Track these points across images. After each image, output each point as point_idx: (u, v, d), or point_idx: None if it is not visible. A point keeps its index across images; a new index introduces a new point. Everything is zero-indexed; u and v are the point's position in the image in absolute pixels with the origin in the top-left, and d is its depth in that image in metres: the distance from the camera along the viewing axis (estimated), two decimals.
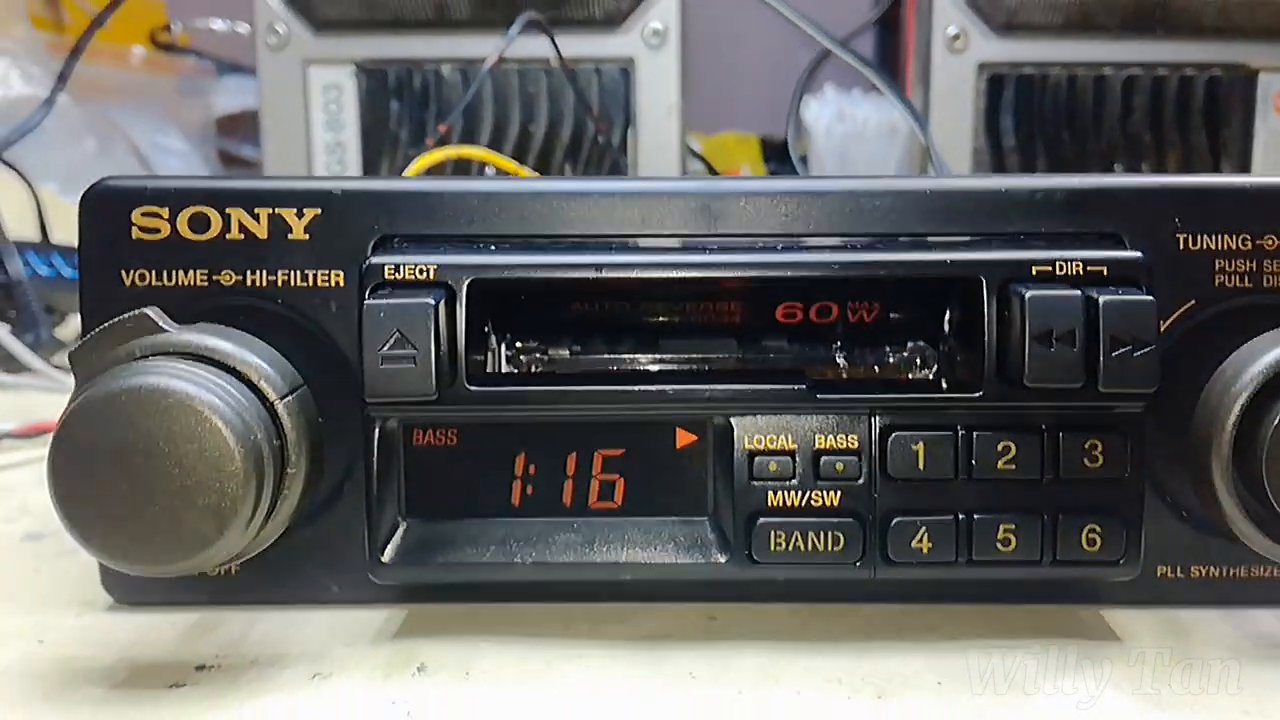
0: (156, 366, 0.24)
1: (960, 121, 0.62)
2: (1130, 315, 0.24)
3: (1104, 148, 0.62)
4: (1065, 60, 0.62)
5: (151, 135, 0.74)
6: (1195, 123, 0.62)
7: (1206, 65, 0.62)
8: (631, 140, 0.63)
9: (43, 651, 0.27)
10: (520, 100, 0.62)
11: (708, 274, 0.26)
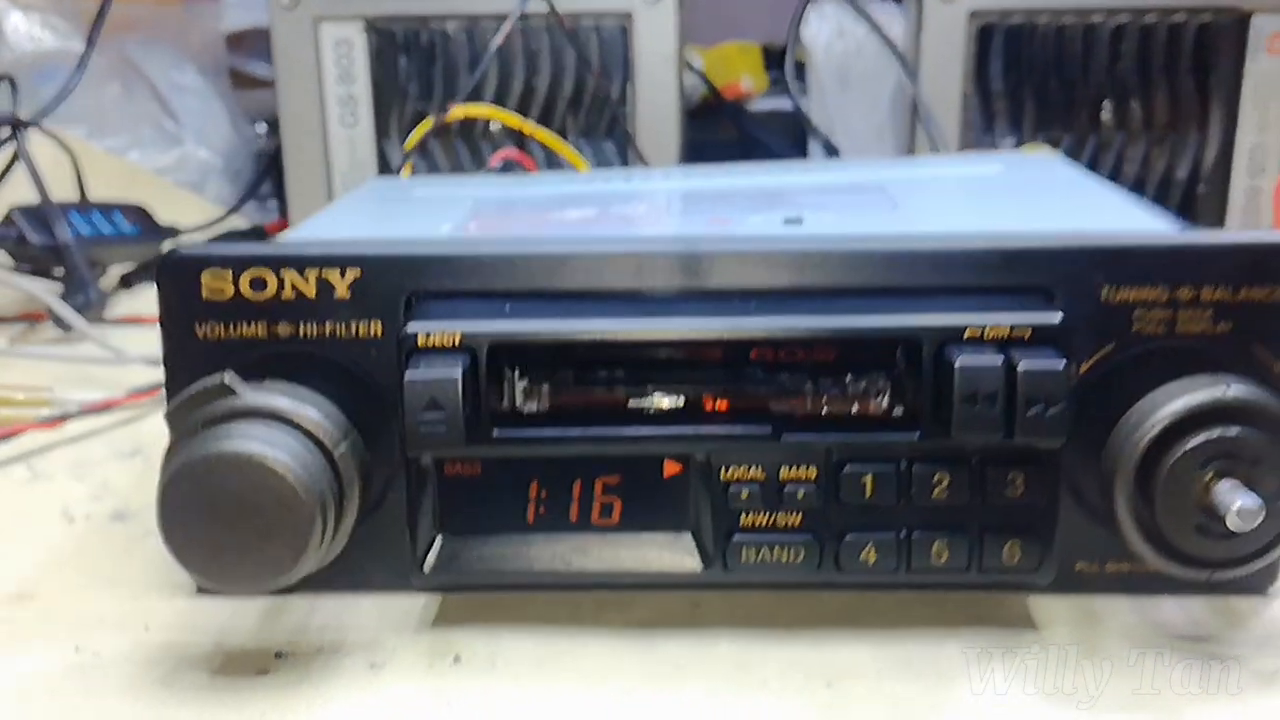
0: (236, 430, 0.30)
1: (950, 69, 0.66)
2: (1043, 381, 0.30)
3: (1091, 95, 0.66)
4: (1055, 7, 0.65)
5: (168, 73, 0.78)
6: (1183, 68, 0.66)
7: (1199, 9, 0.65)
8: (630, 93, 0.67)
9: (150, 638, 0.33)
10: (524, 57, 0.66)
11: (684, 336, 0.32)
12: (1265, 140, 0.67)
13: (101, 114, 0.72)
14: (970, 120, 0.67)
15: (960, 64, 0.66)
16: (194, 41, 0.87)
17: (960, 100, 0.67)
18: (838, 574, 0.32)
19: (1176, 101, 0.66)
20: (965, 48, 0.66)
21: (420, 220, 0.45)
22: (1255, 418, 0.30)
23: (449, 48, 0.67)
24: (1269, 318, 0.32)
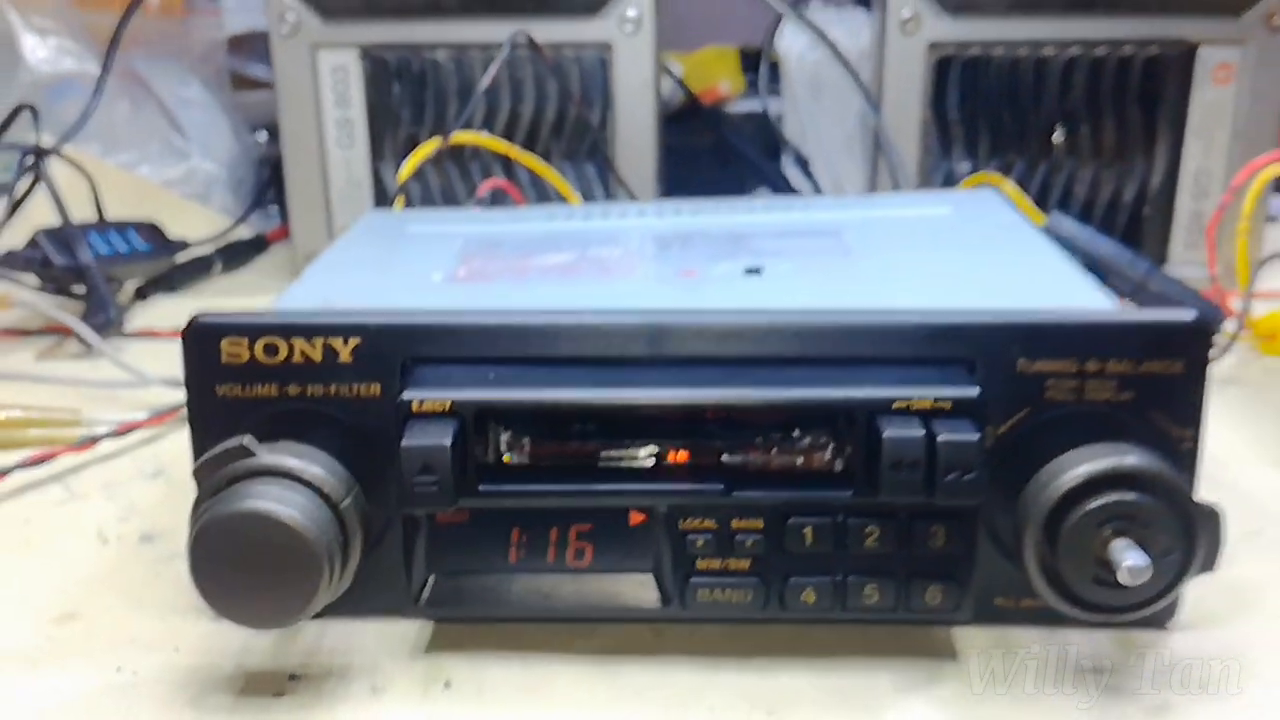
0: (254, 489, 0.33)
1: (910, 98, 0.69)
2: (960, 450, 0.33)
3: (1043, 123, 0.70)
4: (1011, 39, 0.68)
5: (174, 89, 0.81)
6: (1131, 97, 0.69)
7: (1148, 42, 0.68)
8: (610, 119, 0.70)
9: (180, 659, 0.37)
10: (510, 86, 0.69)
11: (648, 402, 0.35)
12: (1209, 165, 0.70)
13: (113, 131, 0.74)
14: (930, 145, 0.71)
15: (920, 93, 0.69)
16: (197, 53, 0.89)
17: (920, 127, 0.70)
18: (782, 611, 0.36)
19: (1125, 129, 0.70)
20: (924, 78, 0.69)
21: (414, 264, 0.48)
22: (1149, 485, 0.33)
23: (439, 75, 0.70)
24: (1167, 388, 0.36)
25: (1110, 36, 0.68)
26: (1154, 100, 0.69)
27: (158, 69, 0.83)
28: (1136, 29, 0.68)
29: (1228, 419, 0.54)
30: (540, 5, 0.68)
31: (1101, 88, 0.69)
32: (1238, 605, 0.39)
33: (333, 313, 0.37)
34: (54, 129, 0.72)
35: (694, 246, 0.49)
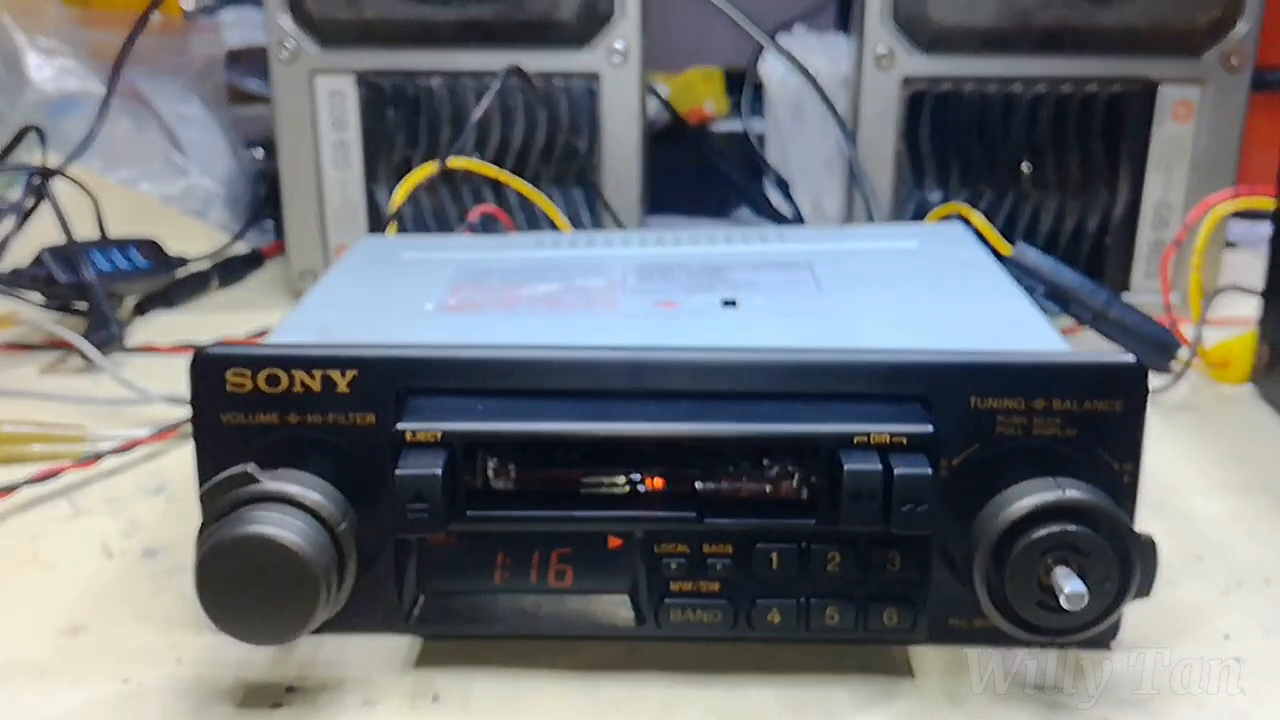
0: (257, 515, 0.35)
1: (885, 130, 0.72)
2: (914, 484, 0.36)
3: (1011, 155, 0.72)
4: (981, 76, 0.71)
5: (174, 107, 0.83)
6: (1095, 132, 0.71)
7: (1111, 80, 0.71)
8: (597, 146, 0.72)
9: (183, 671, 0.39)
10: (500, 113, 0.71)
11: (626, 433, 0.37)
12: (1169, 198, 0.73)
13: (114, 149, 0.76)
14: (903, 175, 0.73)
15: (894, 126, 0.72)
16: (196, 69, 0.91)
17: (894, 158, 0.72)
18: (749, 631, 0.38)
19: (1089, 162, 0.72)
20: (898, 111, 0.71)
21: (407, 293, 0.50)
22: (1089, 517, 0.36)
23: (433, 102, 0.72)
24: (1108, 425, 0.38)
25: (1075, 74, 0.70)
26: (1117, 135, 0.71)
27: (158, 87, 0.85)
28: (1101, 68, 0.70)
29: (1179, 445, 0.56)
30: (531, 36, 0.70)
31: (1067, 123, 0.71)
32: (1177, 627, 0.41)
33: (331, 346, 0.39)
34: (57, 143, 0.74)
35: (673, 278, 0.51)
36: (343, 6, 0.70)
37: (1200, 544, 0.47)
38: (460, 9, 0.70)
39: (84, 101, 0.80)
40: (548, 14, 0.70)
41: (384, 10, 0.70)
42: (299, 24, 0.70)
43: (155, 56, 0.86)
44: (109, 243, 0.69)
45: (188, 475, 0.50)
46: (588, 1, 0.70)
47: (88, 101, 0.80)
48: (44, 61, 0.78)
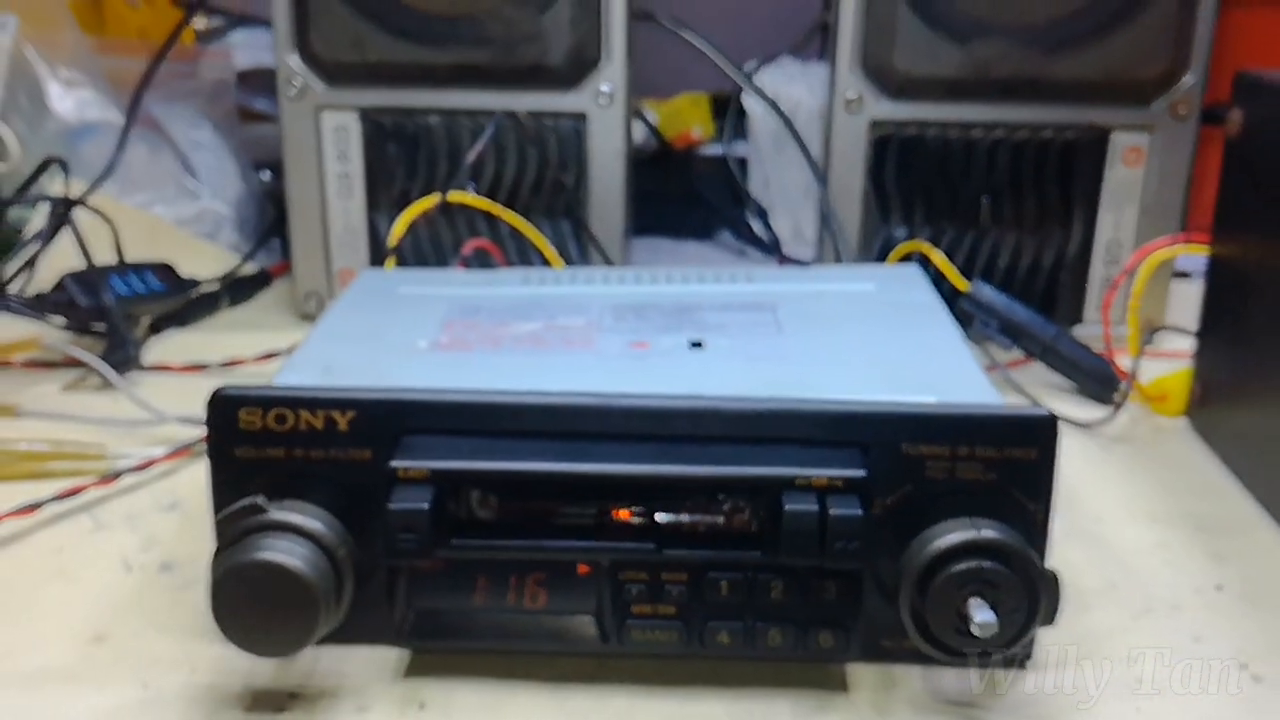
0: (265, 542, 0.40)
1: (853, 171, 0.76)
2: (847, 524, 0.40)
3: (971, 196, 0.76)
4: (943, 121, 0.75)
5: (187, 132, 0.87)
6: (1050, 175, 0.76)
7: (1066, 126, 0.75)
8: (584, 181, 0.77)
9: (196, 679, 0.43)
10: (493, 150, 0.75)
11: (594, 473, 0.41)
12: (1119, 237, 0.77)
13: (130, 174, 0.80)
14: (870, 213, 0.77)
15: (862, 166, 0.76)
16: (207, 92, 0.95)
17: (861, 197, 0.76)
18: (701, 649, 0.42)
19: (1044, 203, 0.76)
20: (866, 153, 0.75)
21: (403, 330, 0.54)
22: (1000, 554, 0.40)
23: (431, 138, 0.76)
24: (1023, 470, 0.42)
25: (1032, 121, 0.74)
26: (1070, 178, 0.75)
27: (172, 112, 0.89)
28: (1056, 115, 0.74)
29: (1112, 475, 0.61)
30: (523, 79, 0.74)
31: (1024, 166, 0.75)
32: (1087, 649, 0.45)
33: (333, 389, 0.43)
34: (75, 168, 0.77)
35: (647, 318, 0.56)
36: (348, 49, 0.74)
37: (1118, 571, 0.51)
38: (457, 53, 0.74)
39: (100, 127, 0.84)
40: (539, 59, 0.74)
41: (386, 53, 0.74)
42: (307, 64, 0.75)
43: (167, 81, 0.90)
44: (126, 267, 0.73)
45: (201, 492, 0.54)
46: (576, 48, 0.74)
47: (104, 127, 0.84)
48: (65, 92, 0.83)
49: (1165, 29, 0.72)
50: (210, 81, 0.98)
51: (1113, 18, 0.72)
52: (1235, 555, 0.53)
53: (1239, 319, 0.60)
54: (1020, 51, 0.73)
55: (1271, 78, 0.59)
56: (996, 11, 0.72)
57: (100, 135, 0.83)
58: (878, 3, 0.73)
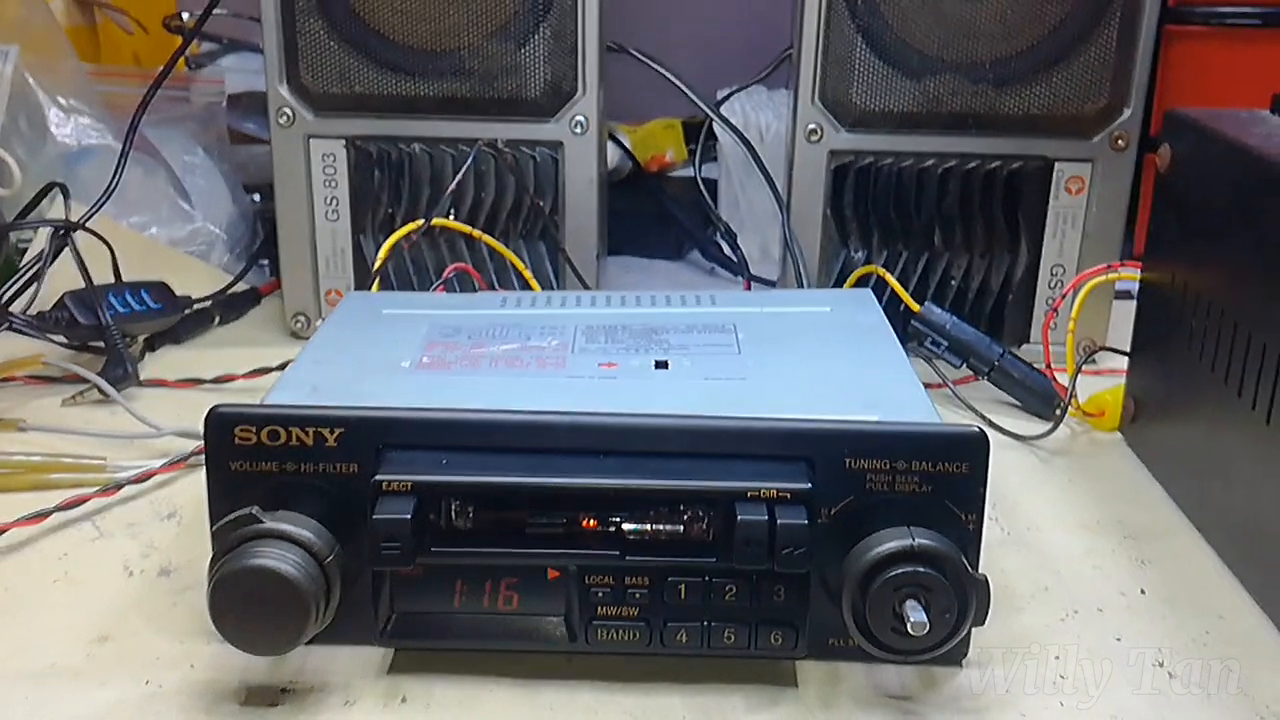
0: (259, 550, 0.42)
1: (814, 199, 0.79)
2: (793, 532, 0.43)
3: (924, 221, 0.80)
4: (898, 151, 0.78)
5: (180, 156, 0.89)
6: (997, 203, 0.79)
7: (1012, 157, 0.78)
8: (560, 206, 0.80)
9: (195, 675, 0.46)
10: (474, 177, 0.78)
11: (564, 485, 0.44)
12: (1063, 261, 0.80)
13: (127, 195, 0.82)
14: (830, 236, 0.80)
15: (822, 193, 0.79)
16: (199, 116, 0.98)
17: (821, 222, 0.79)
18: (662, 648, 0.45)
19: (992, 228, 0.80)
20: (825, 181, 0.79)
21: (386, 350, 0.57)
22: (933, 560, 0.43)
23: (414, 164, 0.79)
24: (957, 482, 0.45)
25: (981, 152, 0.78)
26: (1017, 205, 0.79)
27: (165, 136, 0.92)
28: (1003, 147, 0.78)
29: (1049, 487, 0.64)
30: (503, 109, 0.77)
31: (973, 194, 0.78)
32: (1019, 648, 0.49)
33: (322, 407, 0.46)
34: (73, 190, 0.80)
35: (616, 339, 0.58)
36: (335, 80, 0.77)
37: (1049, 576, 0.54)
38: (439, 85, 0.77)
39: (97, 150, 0.87)
40: (517, 92, 0.77)
41: (372, 85, 0.77)
42: (296, 95, 0.77)
43: (160, 105, 0.92)
44: (123, 286, 0.76)
45: (197, 502, 0.57)
46: (553, 81, 0.77)
47: (100, 150, 0.87)
48: (64, 118, 0.85)
49: (1104, 67, 0.75)
50: (201, 106, 1.01)
51: (1055, 56, 0.75)
52: (1159, 561, 0.56)
53: (1167, 341, 0.64)
54: (969, 87, 0.76)
55: (1197, 116, 0.63)
56: (947, 50, 0.76)
57: (96, 158, 0.86)
58: (836, 41, 0.76)
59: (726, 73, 1.11)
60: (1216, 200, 0.59)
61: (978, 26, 0.75)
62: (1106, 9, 0.75)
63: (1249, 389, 0.54)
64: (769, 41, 1.12)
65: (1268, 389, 0.52)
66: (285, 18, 0.75)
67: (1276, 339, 0.52)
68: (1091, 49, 0.75)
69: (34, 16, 0.87)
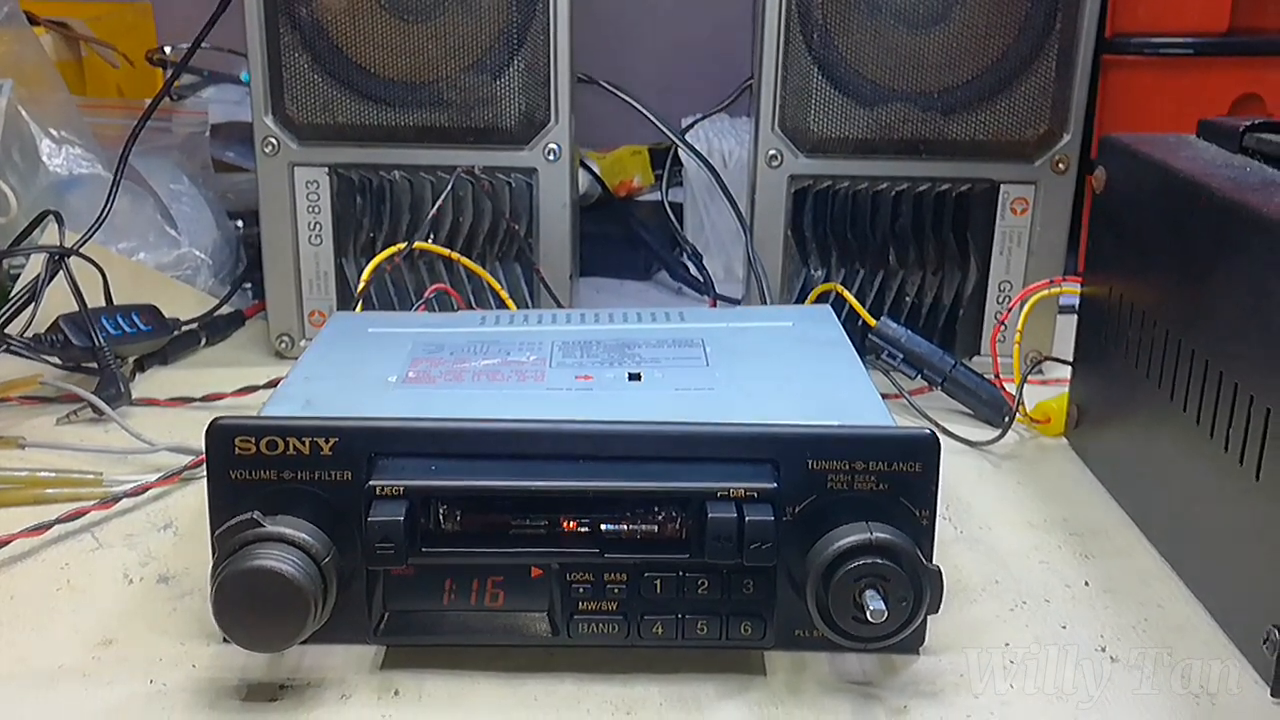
0: (261, 552, 0.44)
1: (775, 221, 0.82)
2: (760, 528, 0.45)
3: (879, 241, 0.82)
4: (853, 175, 0.81)
5: (166, 184, 0.91)
6: (948, 223, 0.82)
7: (961, 180, 0.81)
8: (535, 229, 0.82)
9: (198, 674, 0.47)
10: (452, 201, 0.80)
11: (545, 488, 0.46)
12: (1010, 277, 0.83)
13: (116, 222, 0.84)
14: (791, 256, 0.83)
15: (783, 215, 0.81)
16: (182, 146, 0.99)
17: (783, 243, 0.82)
18: (639, 640, 0.48)
19: (943, 247, 0.83)
20: (786, 204, 0.81)
21: (374, 367, 0.58)
22: (889, 552, 0.45)
23: (394, 191, 0.81)
24: (911, 481, 0.47)
25: (931, 175, 0.81)
26: (966, 225, 0.82)
27: (152, 165, 0.93)
28: (951, 170, 0.81)
29: (998, 489, 0.67)
30: (479, 137, 0.80)
31: (924, 215, 0.81)
32: (971, 636, 0.51)
33: (317, 418, 0.48)
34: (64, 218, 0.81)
35: (591, 353, 0.61)
36: (319, 111, 0.79)
37: (1000, 570, 0.57)
38: (419, 116, 0.79)
39: (85, 179, 0.88)
40: (493, 122, 0.79)
41: (354, 115, 0.79)
42: (280, 125, 0.79)
43: (145, 136, 0.93)
44: (115, 309, 0.77)
45: (192, 513, 0.59)
46: (527, 112, 0.79)
47: (89, 179, 0.88)
48: (56, 148, 0.86)
49: (1044, 95, 0.79)
50: (184, 135, 1.03)
51: (998, 85, 0.78)
52: (1101, 555, 0.59)
53: (1106, 351, 0.67)
54: (919, 115, 0.79)
55: (1130, 141, 0.66)
56: (897, 80, 0.79)
57: (85, 187, 0.87)
58: (794, 72, 0.79)
59: (690, 102, 1.14)
60: (1148, 219, 0.63)
61: (925, 58, 0.78)
62: (1045, 41, 0.78)
63: (1180, 393, 0.57)
64: (730, 72, 1.16)
65: (1198, 394, 0.55)
66: (271, 52, 0.77)
67: (1206, 347, 0.55)
68: (1032, 79, 0.79)
69: (26, 51, 0.88)
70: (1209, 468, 0.54)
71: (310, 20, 0.77)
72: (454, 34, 0.77)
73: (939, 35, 0.78)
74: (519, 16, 0.78)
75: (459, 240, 0.81)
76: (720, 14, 1.34)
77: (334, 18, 0.77)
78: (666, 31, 1.38)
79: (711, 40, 1.31)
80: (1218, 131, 0.64)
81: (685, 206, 1.10)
